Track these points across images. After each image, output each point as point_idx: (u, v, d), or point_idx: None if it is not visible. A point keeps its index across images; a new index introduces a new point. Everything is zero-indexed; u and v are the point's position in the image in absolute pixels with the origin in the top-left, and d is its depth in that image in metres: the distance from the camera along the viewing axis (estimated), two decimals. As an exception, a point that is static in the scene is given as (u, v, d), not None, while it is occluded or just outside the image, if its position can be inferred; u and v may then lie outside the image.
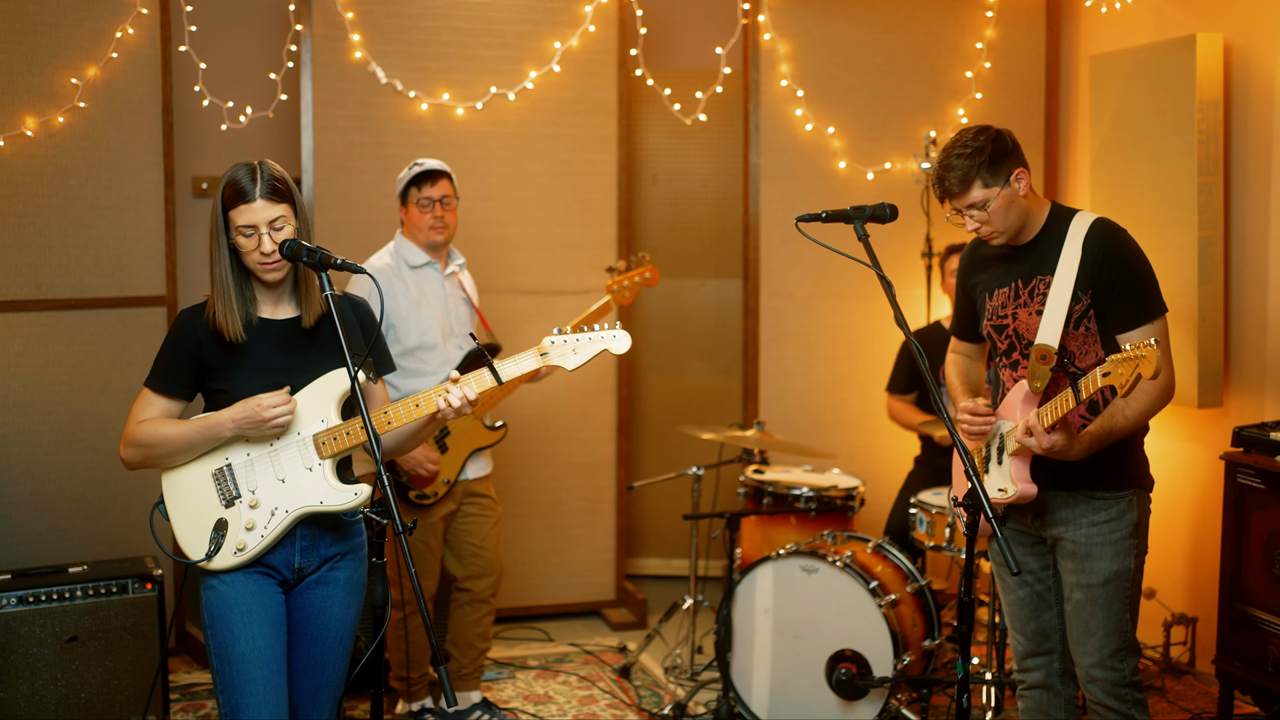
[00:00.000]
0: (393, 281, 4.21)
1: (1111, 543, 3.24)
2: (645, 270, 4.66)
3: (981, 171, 3.17)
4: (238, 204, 2.89)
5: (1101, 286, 3.19)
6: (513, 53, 5.52)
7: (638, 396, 6.47)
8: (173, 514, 2.97)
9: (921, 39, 5.79)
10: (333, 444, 2.94)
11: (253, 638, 2.92)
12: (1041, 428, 3.09)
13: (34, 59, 4.66)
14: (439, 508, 4.27)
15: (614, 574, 5.83)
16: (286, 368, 2.98)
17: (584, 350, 2.97)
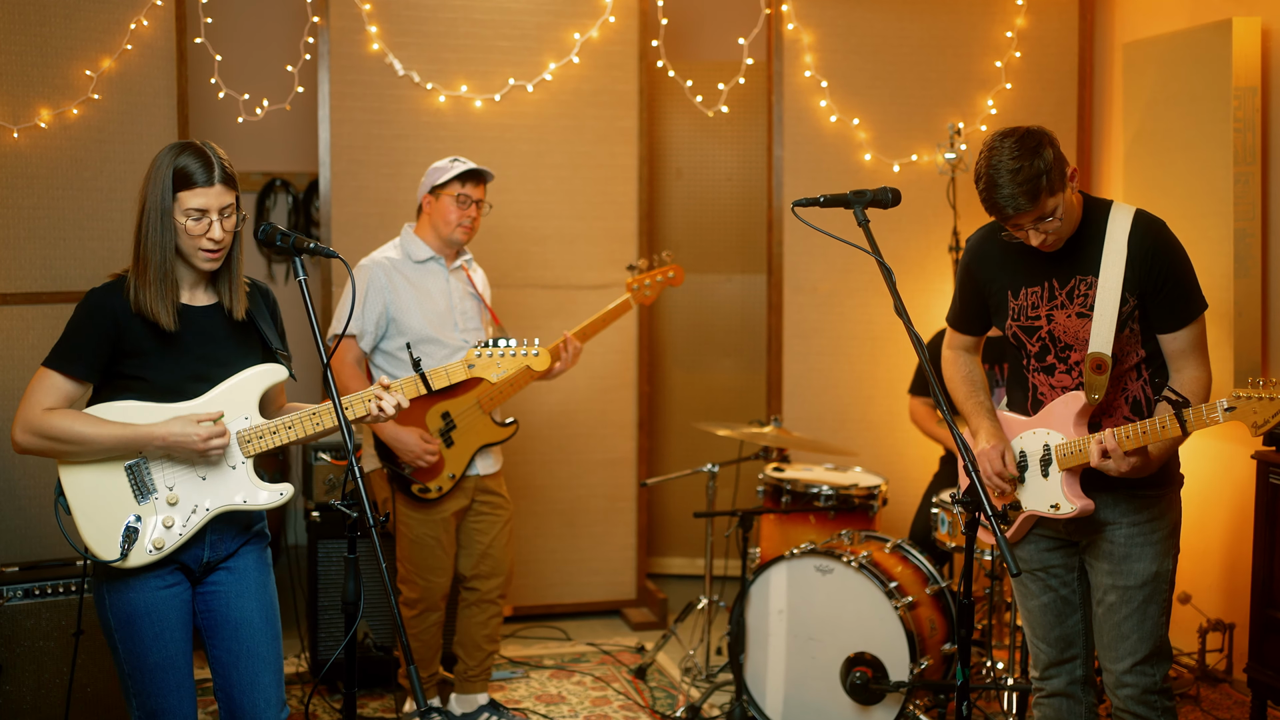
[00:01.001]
0: (394, 276, 4.11)
1: (1153, 543, 3.07)
2: (669, 269, 4.53)
3: (1048, 183, 2.88)
4: (191, 186, 2.78)
5: (1149, 288, 3.00)
6: (532, 44, 5.40)
7: (662, 393, 6.34)
8: (76, 509, 2.82)
9: (950, 28, 5.61)
10: (258, 442, 2.86)
11: (164, 646, 2.84)
12: (1121, 451, 2.90)
13: (48, 50, 4.60)
14: (449, 503, 4.15)
15: (635, 573, 5.70)
16: (207, 358, 2.87)
17: (505, 365, 3.08)
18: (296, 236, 2.73)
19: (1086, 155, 5.67)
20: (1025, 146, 2.89)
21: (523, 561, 5.58)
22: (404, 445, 3.99)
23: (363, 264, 4.14)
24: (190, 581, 2.93)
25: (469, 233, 4.16)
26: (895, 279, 2.79)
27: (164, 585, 2.86)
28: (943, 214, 5.45)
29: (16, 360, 4.59)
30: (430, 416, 4.08)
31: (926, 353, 2.71)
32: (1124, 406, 3.10)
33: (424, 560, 4.13)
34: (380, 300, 4.07)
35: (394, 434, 4.00)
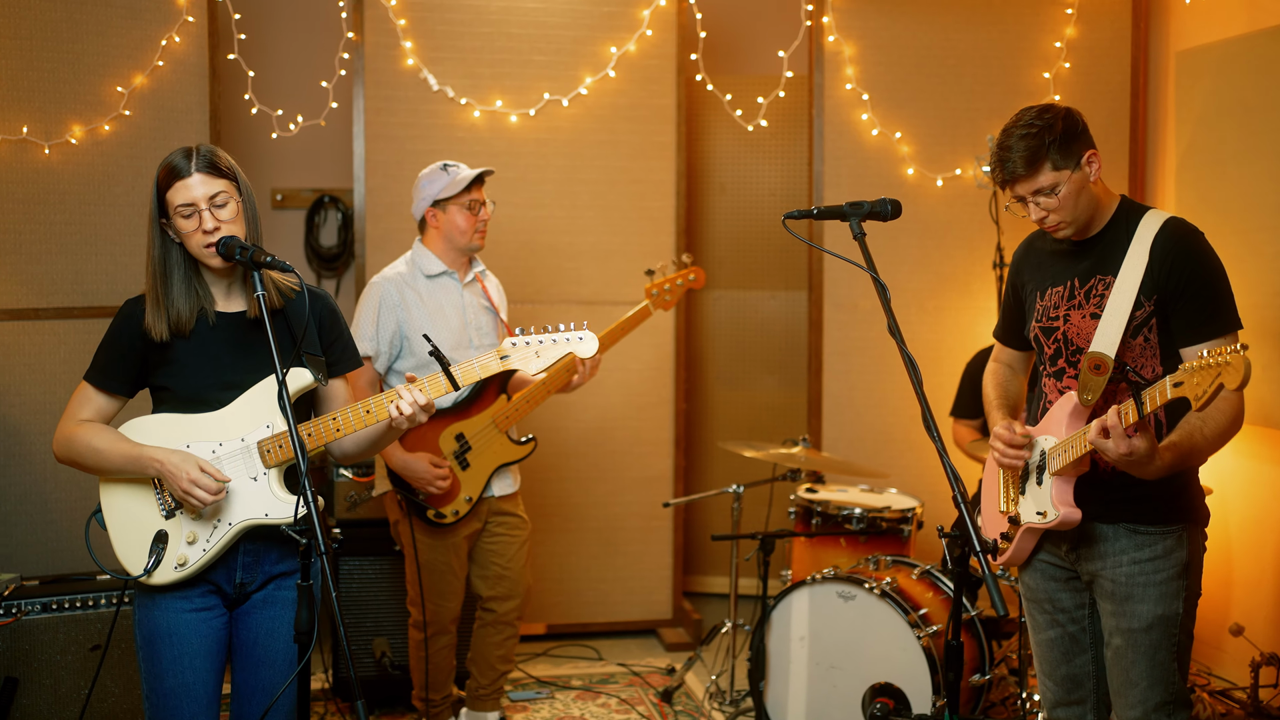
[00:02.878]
0: (405, 291, 3.95)
1: (1155, 584, 2.79)
2: (689, 272, 4.32)
3: (1052, 151, 2.74)
4: (173, 182, 2.64)
5: (1168, 293, 2.75)
6: (568, 59, 5.25)
7: (704, 410, 6.13)
8: (110, 525, 2.74)
9: (996, 39, 5.35)
10: (278, 452, 2.68)
11: (182, 672, 2.69)
12: (1121, 428, 2.56)
13: (80, 67, 4.55)
14: (462, 527, 3.98)
15: (670, 592, 5.49)
16: (235, 366, 2.72)
17: (547, 353, 2.71)
18: (255, 250, 2.58)
19: (1140, 168, 5.36)
20: (1042, 115, 2.77)
21: (557, 579, 5.41)
22: (413, 472, 3.83)
23: (374, 281, 3.99)
24: (227, 607, 2.79)
25: (483, 236, 4.00)
26: (889, 296, 2.59)
27: (191, 609, 2.72)
28: (988, 229, 5.19)
29: (49, 374, 4.54)
30: (444, 438, 3.92)
31: (919, 374, 2.50)
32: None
33: (434, 585, 3.97)
34: (393, 318, 3.91)
35: (403, 461, 3.84)
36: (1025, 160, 2.75)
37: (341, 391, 2.88)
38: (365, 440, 2.81)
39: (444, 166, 4.00)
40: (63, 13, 4.51)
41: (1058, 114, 2.79)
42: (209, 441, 2.70)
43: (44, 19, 4.48)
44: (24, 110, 4.47)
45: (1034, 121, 2.76)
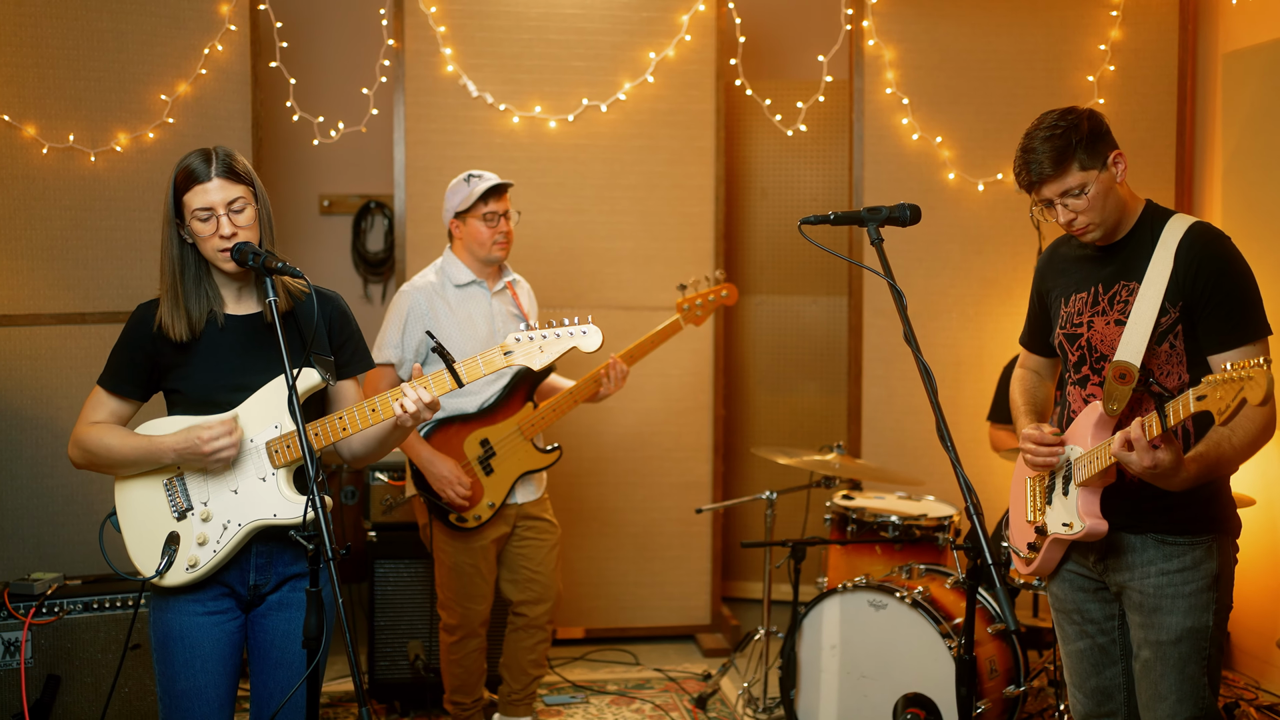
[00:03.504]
0: (435, 300, 3.94)
1: (1184, 595, 2.70)
2: (721, 289, 4.29)
3: (1078, 151, 2.68)
4: (191, 185, 2.64)
5: (1194, 299, 2.66)
6: (606, 64, 5.22)
7: (745, 415, 6.08)
8: (124, 526, 2.75)
9: (1039, 42, 5.25)
10: (286, 452, 2.67)
11: (194, 675, 2.70)
12: (1145, 440, 2.51)
13: (126, 76, 4.61)
14: (488, 531, 3.96)
15: (709, 598, 5.45)
16: (245, 367, 2.72)
17: (551, 348, 2.68)
18: (268, 255, 2.58)
19: (1187, 173, 5.24)
20: (1066, 117, 2.71)
21: (596, 584, 5.38)
22: (437, 473, 3.82)
23: (404, 289, 3.99)
24: (242, 609, 2.79)
25: (506, 247, 3.98)
26: (906, 304, 2.54)
27: (204, 612, 2.73)
28: (1030, 234, 5.08)
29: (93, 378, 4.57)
30: (469, 444, 3.91)
31: (934, 382, 2.44)
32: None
33: (462, 588, 3.95)
34: (420, 328, 3.90)
35: (428, 457, 3.83)
36: (1052, 160, 2.68)
37: (351, 393, 2.87)
38: (373, 439, 2.80)
39: (467, 177, 3.98)
40: (109, 23, 4.56)
41: (1081, 115, 2.73)
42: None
43: (91, 29, 4.53)
44: (71, 119, 4.52)
45: (1058, 123, 2.71)
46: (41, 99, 4.48)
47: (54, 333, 4.52)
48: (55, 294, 4.54)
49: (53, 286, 4.54)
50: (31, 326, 4.49)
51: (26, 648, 3.98)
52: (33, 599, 3.99)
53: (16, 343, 4.49)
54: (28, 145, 4.45)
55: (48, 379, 4.54)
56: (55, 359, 4.54)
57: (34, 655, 3.99)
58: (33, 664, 3.98)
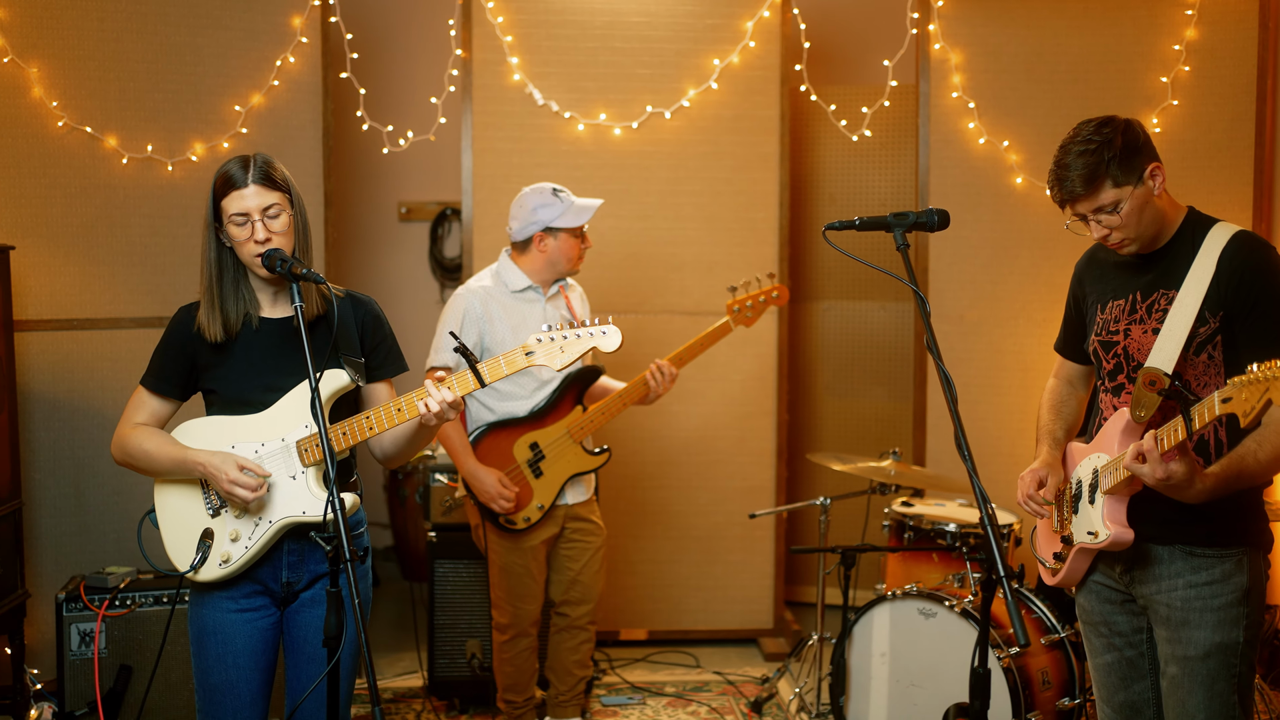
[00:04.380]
0: (489, 303, 3.96)
1: (1213, 609, 2.60)
2: (771, 289, 4.24)
3: (1111, 168, 2.58)
4: (229, 191, 2.70)
5: (1235, 309, 2.57)
6: (671, 71, 5.21)
7: (813, 420, 6.01)
8: (162, 523, 2.81)
9: (1110, 43, 5.10)
10: (315, 450, 2.72)
11: (226, 669, 2.75)
12: (1158, 453, 2.44)
13: (202, 89, 4.72)
14: (538, 532, 3.97)
15: (772, 601, 5.39)
16: (278, 369, 2.77)
17: (571, 348, 2.66)
18: (294, 262, 2.62)
19: (1266, 176, 5.04)
20: (1100, 131, 2.62)
21: (659, 586, 5.37)
22: (481, 485, 3.84)
23: (459, 293, 4.02)
24: (277, 606, 2.84)
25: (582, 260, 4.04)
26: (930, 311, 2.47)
27: (238, 609, 2.78)
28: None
29: (171, 378, 4.71)
30: (518, 448, 3.92)
31: (954, 391, 2.37)
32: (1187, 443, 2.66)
33: (513, 588, 3.97)
34: (475, 330, 3.93)
35: (473, 471, 3.85)
36: (1084, 179, 2.60)
37: (383, 395, 2.90)
38: (402, 439, 2.83)
39: (554, 191, 3.97)
40: (186, 38, 4.68)
41: (1117, 128, 2.63)
42: (252, 442, 2.75)
43: (169, 43, 4.65)
44: (150, 130, 4.65)
45: (1091, 137, 2.61)
46: (122, 111, 4.61)
47: (134, 335, 4.65)
48: (135, 298, 4.67)
49: (133, 291, 4.67)
50: (112, 330, 4.63)
51: (100, 638, 4.10)
52: (106, 592, 4.11)
53: (99, 345, 4.63)
54: (109, 156, 4.59)
55: (128, 380, 4.63)
56: (134, 361, 4.65)
57: (107, 646, 4.11)
58: (106, 654, 4.10)
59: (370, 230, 6.55)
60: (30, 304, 4.50)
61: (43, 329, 4.52)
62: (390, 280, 6.54)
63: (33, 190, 4.49)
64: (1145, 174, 2.62)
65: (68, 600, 4.09)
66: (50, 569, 4.56)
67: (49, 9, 4.49)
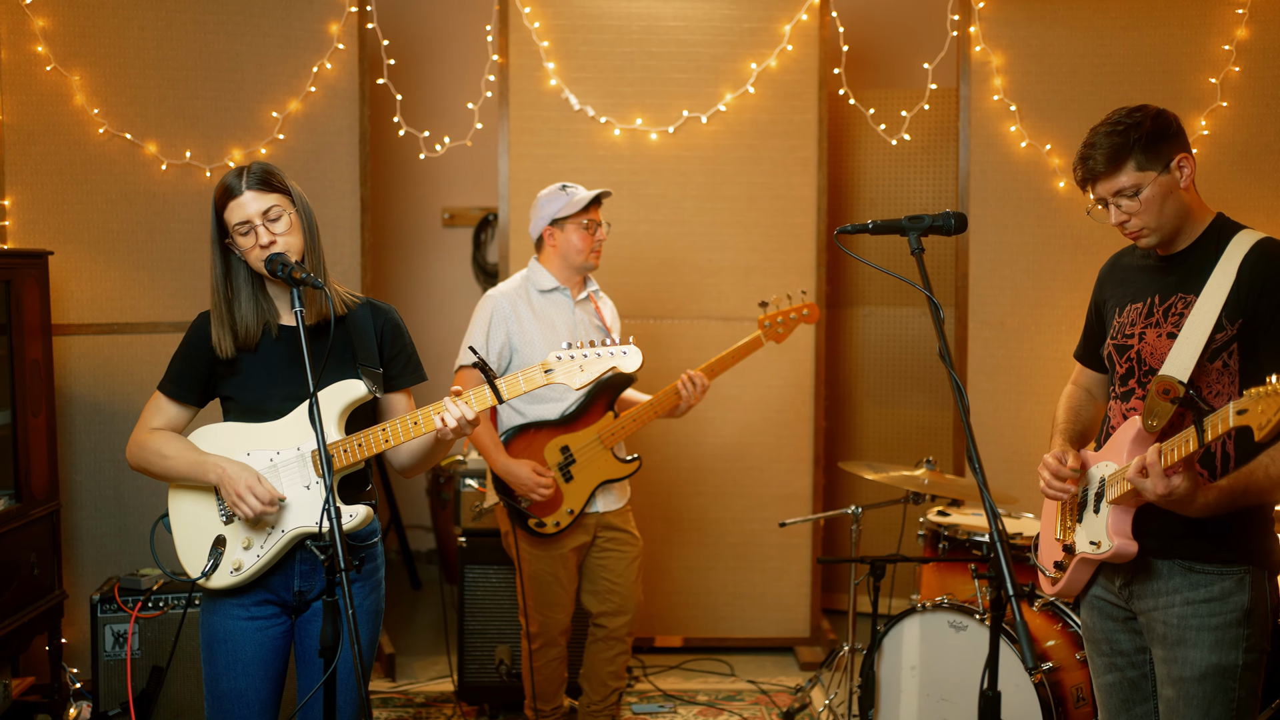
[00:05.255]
0: (518, 305, 3.92)
1: (1211, 628, 2.48)
2: (803, 307, 4.18)
3: (1136, 150, 2.51)
4: (228, 202, 2.67)
5: (1256, 317, 2.45)
6: (708, 75, 5.13)
7: (853, 427, 5.90)
8: (175, 528, 2.78)
9: (1157, 44, 4.94)
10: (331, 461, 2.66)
11: (235, 677, 2.71)
12: (1160, 467, 2.34)
13: (241, 95, 4.73)
14: (567, 539, 3.91)
15: (809, 610, 5.29)
16: (296, 378, 2.72)
17: (591, 368, 2.60)
18: (295, 267, 2.58)
19: (1319, 179, 4.86)
20: (1132, 114, 2.54)
21: (695, 594, 5.29)
22: (516, 478, 3.79)
23: (488, 294, 3.98)
24: (288, 615, 2.80)
25: (599, 256, 3.96)
26: (943, 317, 2.37)
27: (248, 616, 2.75)
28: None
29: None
30: (549, 450, 3.87)
31: (966, 401, 2.27)
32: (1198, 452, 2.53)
33: (542, 596, 3.91)
34: (503, 330, 3.89)
35: (506, 466, 3.80)
36: (1107, 157, 2.52)
37: (402, 405, 2.86)
38: (419, 452, 2.78)
39: (563, 187, 3.96)
40: (225, 44, 4.68)
41: (1148, 113, 2.55)
42: (268, 450, 2.71)
43: (208, 50, 4.66)
44: (189, 136, 4.66)
45: (1122, 120, 2.54)
46: (161, 118, 4.63)
47: (173, 340, 4.51)
48: (174, 303, 4.68)
49: (172, 296, 4.68)
50: (152, 334, 4.64)
51: (133, 639, 4.11)
52: (139, 593, 4.12)
53: (139, 349, 4.65)
54: (148, 162, 4.60)
55: (166, 384, 4.68)
56: (173, 365, 4.67)
57: (140, 647, 4.12)
58: (139, 655, 4.11)
59: (414, 236, 6.54)
60: (72, 308, 4.53)
61: (84, 333, 4.55)
62: (434, 286, 6.53)
63: (74, 196, 4.52)
64: (1172, 163, 2.52)
65: (102, 601, 4.10)
66: (90, 570, 4.58)
67: (91, 18, 4.51)
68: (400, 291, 6.58)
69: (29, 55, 4.44)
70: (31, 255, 4.16)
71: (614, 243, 5.12)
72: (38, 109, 4.47)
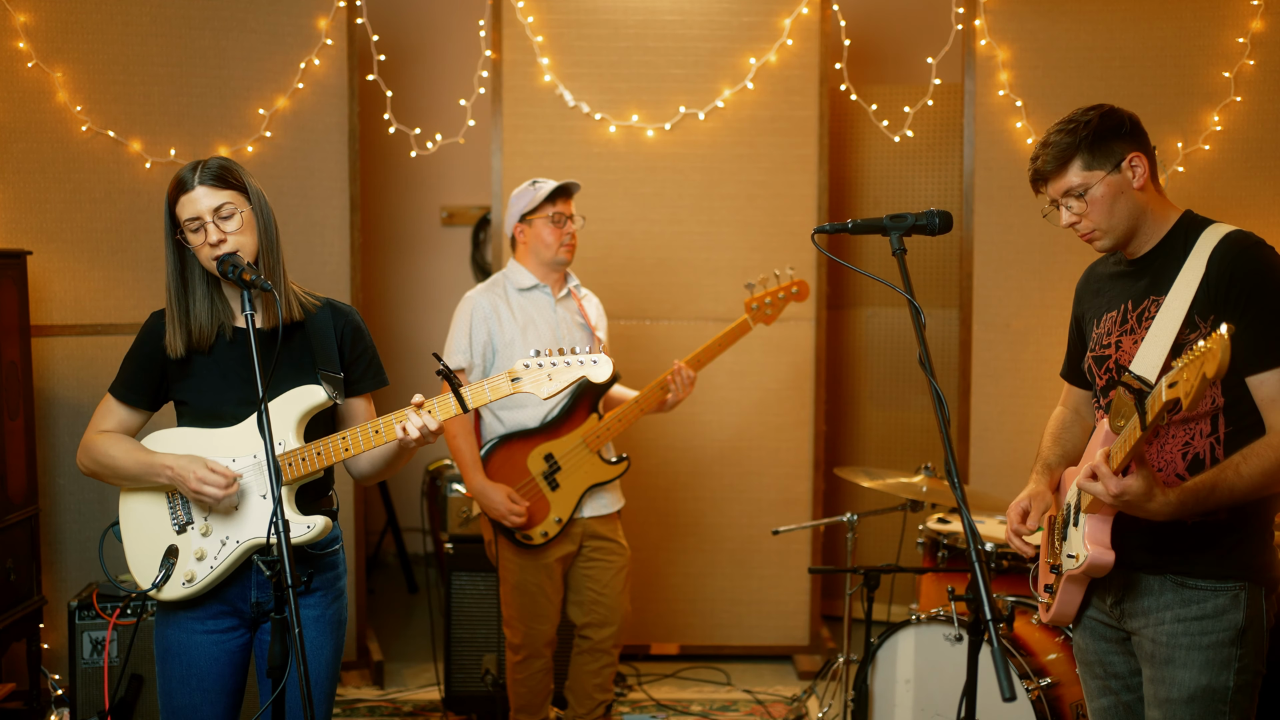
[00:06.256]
0: (497, 304, 3.80)
1: (1201, 647, 2.33)
2: (791, 285, 4.01)
3: (1082, 150, 2.40)
4: (179, 196, 2.55)
5: (1228, 312, 2.30)
6: (706, 71, 4.99)
7: (855, 431, 5.75)
8: (126, 537, 2.67)
9: (1168, 37, 4.77)
10: (288, 470, 2.55)
11: (190, 692, 2.61)
12: (1109, 469, 2.20)
13: (226, 91, 4.62)
14: (553, 549, 3.77)
15: (808, 617, 5.15)
16: (251, 381, 2.56)
17: (560, 377, 2.51)
18: (246, 268, 2.46)
19: (1336, 176, 4.68)
20: (1085, 113, 2.43)
21: (692, 600, 5.15)
22: (489, 503, 3.66)
23: (467, 295, 3.87)
24: (247, 627, 2.69)
25: (571, 250, 3.82)
26: (925, 323, 2.22)
27: (204, 630, 2.64)
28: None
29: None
30: (532, 459, 3.73)
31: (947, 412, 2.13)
32: (1179, 463, 2.38)
33: (526, 607, 3.78)
34: (485, 330, 3.76)
35: (481, 488, 3.68)
36: (1054, 156, 2.42)
37: (362, 410, 2.74)
38: (380, 460, 2.67)
39: (533, 183, 3.84)
40: (210, 40, 4.57)
41: (1099, 111, 2.44)
42: (223, 457, 2.60)
43: (193, 46, 4.56)
44: (173, 134, 4.56)
45: (1074, 118, 2.43)
46: (146, 115, 4.52)
47: None
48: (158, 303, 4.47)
49: (156, 296, 4.47)
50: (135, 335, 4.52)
51: (111, 647, 4.00)
52: (118, 600, 4.01)
53: (123, 350, 4.37)
54: (133, 160, 4.50)
55: (151, 385, 4.58)
56: (158, 366, 4.57)
57: (119, 655, 4.01)
58: (117, 662, 4.00)
59: (412, 235, 6.43)
60: (55, 309, 4.43)
61: (67, 334, 4.44)
62: (432, 286, 6.41)
63: (57, 195, 4.42)
64: (1123, 162, 2.40)
65: (80, 608, 3.99)
66: (73, 575, 4.48)
67: (73, 13, 4.41)
68: (398, 291, 6.46)
69: (10, 51, 4.34)
70: (7, 255, 4.06)
71: (609, 242, 4.99)
72: (19, 106, 4.36)
